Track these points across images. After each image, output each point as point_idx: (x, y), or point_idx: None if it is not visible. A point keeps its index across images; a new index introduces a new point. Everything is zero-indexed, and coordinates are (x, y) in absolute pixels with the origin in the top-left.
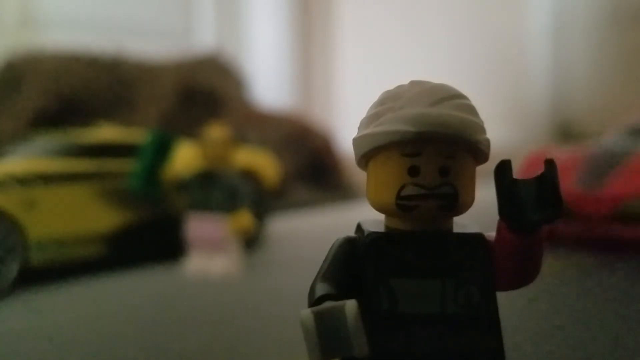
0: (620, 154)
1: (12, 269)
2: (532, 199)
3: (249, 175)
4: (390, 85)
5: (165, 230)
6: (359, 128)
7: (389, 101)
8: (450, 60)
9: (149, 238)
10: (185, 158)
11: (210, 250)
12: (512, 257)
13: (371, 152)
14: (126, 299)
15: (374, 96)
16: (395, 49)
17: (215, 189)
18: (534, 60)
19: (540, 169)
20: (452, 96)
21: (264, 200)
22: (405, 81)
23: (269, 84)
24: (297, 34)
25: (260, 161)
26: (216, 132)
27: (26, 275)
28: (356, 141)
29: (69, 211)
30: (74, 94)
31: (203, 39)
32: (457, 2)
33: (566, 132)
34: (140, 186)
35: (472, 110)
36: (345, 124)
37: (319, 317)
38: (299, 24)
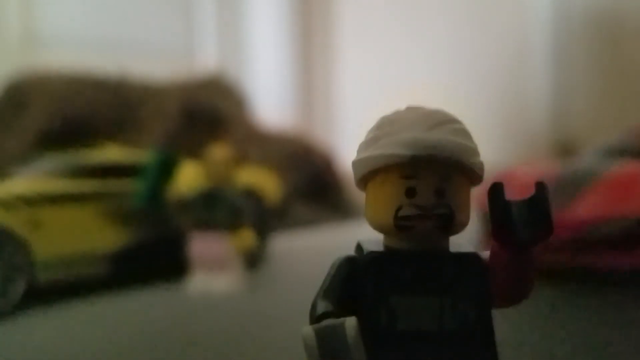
0: (588, 175)
1: (19, 288)
2: (524, 219)
3: (251, 194)
4: (391, 107)
5: (168, 249)
6: (357, 151)
7: (386, 125)
8: (450, 84)
9: (153, 256)
10: (188, 177)
11: (213, 268)
12: (506, 275)
13: (370, 174)
14: (130, 317)
15: (375, 116)
16: (396, 71)
17: (217, 208)
18: (534, 77)
19: (510, 188)
20: (447, 121)
21: (266, 218)
22: (406, 102)
23: (270, 103)
24: (299, 54)
25: (262, 180)
26: (219, 151)
27: (32, 294)
28: (355, 164)
29: (74, 230)
30: (78, 114)
31: (205, 59)
32: (456, 22)
33: (566, 149)
34: (144, 205)
35: (466, 134)
36: (347, 143)
37: (320, 334)
38: (300, 45)
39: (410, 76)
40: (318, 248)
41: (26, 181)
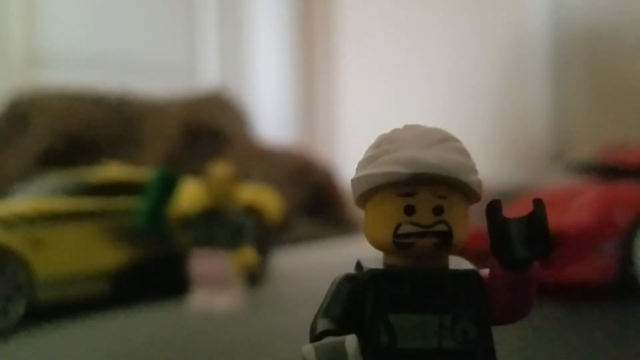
0: (516, 191)
1: (20, 307)
2: (522, 236)
3: (253, 212)
4: (391, 122)
5: (169, 268)
6: (356, 169)
7: (384, 144)
8: (450, 99)
9: (154, 275)
10: (189, 196)
11: (215, 287)
12: (505, 293)
13: (369, 192)
14: (132, 336)
15: (376, 132)
16: (397, 87)
17: (219, 226)
18: (534, 91)
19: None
20: (445, 139)
21: (268, 236)
22: (407, 119)
23: (271, 120)
24: (300, 71)
25: (263, 197)
26: (220, 170)
27: (33, 313)
28: (354, 182)
29: (76, 249)
30: (80, 133)
31: (207, 76)
32: (456, 36)
33: (567, 165)
34: (145, 224)
35: (464, 152)
36: (348, 159)
37: (320, 353)
38: (301, 62)
39: (411, 92)
40: (319, 264)
41: (27, 200)
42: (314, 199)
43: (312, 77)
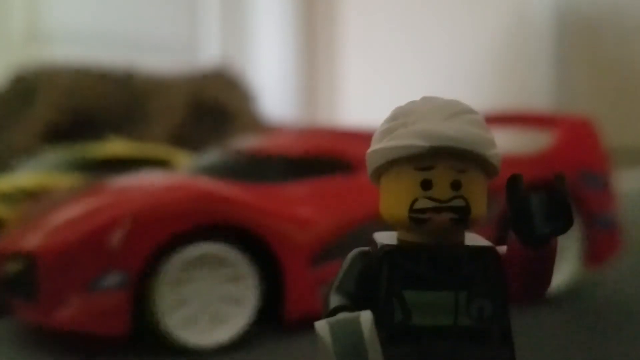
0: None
1: None
2: (543, 212)
3: None
4: (395, 98)
5: None
6: (372, 143)
7: (401, 117)
8: (452, 73)
9: None
10: None
11: None
12: (523, 270)
13: (384, 166)
14: None
15: (380, 108)
16: (399, 62)
17: None
18: (536, 74)
19: None
20: (463, 111)
21: None
22: (410, 96)
23: (275, 96)
24: (303, 46)
25: None
26: None
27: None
28: (370, 155)
29: None
30: (85, 108)
31: (209, 52)
32: (458, 18)
33: None
34: None
35: (482, 125)
36: None
37: (334, 328)
38: (304, 37)
39: (413, 69)
40: None
41: (30, 175)
42: None
43: (315, 52)
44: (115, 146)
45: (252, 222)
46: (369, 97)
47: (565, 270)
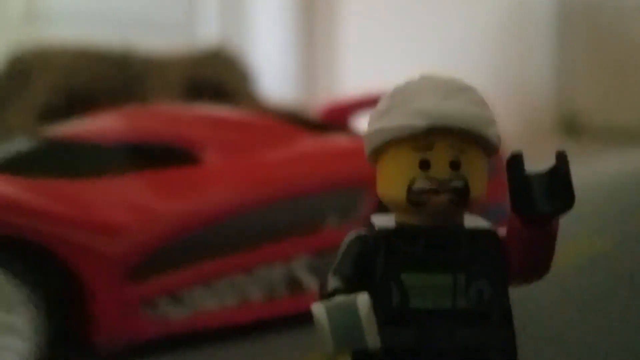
0: None
1: None
2: (544, 191)
3: None
4: (395, 77)
5: None
6: (368, 123)
7: (399, 95)
8: (453, 54)
9: None
10: None
11: None
12: (523, 250)
13: (381, 146)
14: None
15: (380, 87)
16: (399, 41)
17: None
18: (538, 54)
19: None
20: (463, 89)
21: None
22: (411, 75)
23: (274, 76)
24: (302, 26)
25: None
26: None
27: None
28: (367, 136)
29: None
30: (82, 88)
31: (207, 31)
32: (459, 1)
33: (571, 124)
34: None
35: (483, 103)
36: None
37: (331, 311)
38: (303, 17)
39: (414, 51)
40: None
41: None
42: None
43: (314, 31)
44: None
45: (38, 232)
46: (369, 75)
47: None
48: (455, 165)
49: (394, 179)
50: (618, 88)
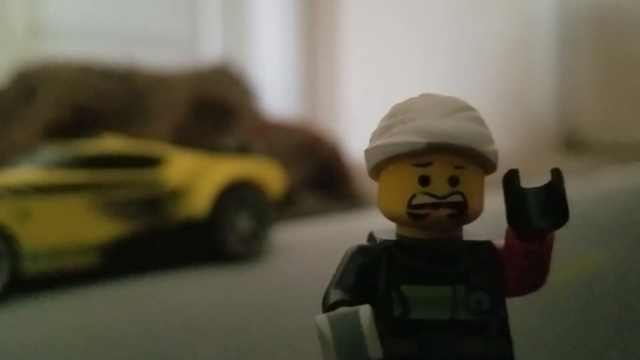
0: None
1: (1, 277)
2: (540, 206)
3: (253, 186)
4: (397, 94)
5: (161, 241)
6: (370, 139)
7: (400, 113)
8: (455, 70)
9: (146, 249)
10: None
11: None
12: (520, 264)
13: (383, 162)
14: (121, 309)
15: (381, 104)
16: (400, 58)
17: None
18: (540, 69)
19: None
20: (461, 108)
21: (268, 210)
22: (412, 92)
23: (277, 93)
24: (305, 43)
25: (264, 171)
26: None
27: (20, 285)
28: (368, 152)
29: (64, 222)
30: (87, 104)
31: (211, 48)
32: (461, 13)
33: (573, 141)
34: None
35: (480, 122)
36: (354, 132)
37: (334, 322)
38: (306, 34)
39: (415, 67)
40: (326, 238)
41: (18, 172)
42: (320, 172)
43: (316, 49)
44: (109, 142)
45: None
46: (369, 93)
47: None
48: (454, 181)
49: (394, 193)
50: (619, 105)
